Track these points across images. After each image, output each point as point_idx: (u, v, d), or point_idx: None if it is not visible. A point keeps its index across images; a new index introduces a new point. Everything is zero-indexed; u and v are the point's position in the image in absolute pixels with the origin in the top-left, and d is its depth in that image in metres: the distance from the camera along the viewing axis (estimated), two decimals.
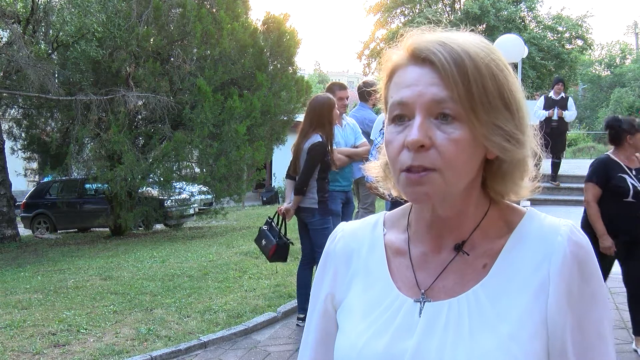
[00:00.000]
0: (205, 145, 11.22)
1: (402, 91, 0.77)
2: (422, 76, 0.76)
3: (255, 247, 8.18)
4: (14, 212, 12.31)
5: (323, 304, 0.93)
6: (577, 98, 38.68)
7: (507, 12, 29.00)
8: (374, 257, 0.90)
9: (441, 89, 0.75)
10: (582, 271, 0.78)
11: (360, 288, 0.89)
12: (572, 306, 0.77)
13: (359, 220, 0.98)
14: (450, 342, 0.76)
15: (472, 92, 0.74)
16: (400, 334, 0.80)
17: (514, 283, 0.79)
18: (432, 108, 0.75)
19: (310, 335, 0.96)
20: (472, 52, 0.75)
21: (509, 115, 0.77)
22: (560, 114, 10.03)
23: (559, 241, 0.79)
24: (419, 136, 0.74)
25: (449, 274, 0.83)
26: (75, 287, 6.22)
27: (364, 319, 0.85)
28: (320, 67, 77.02)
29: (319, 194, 4.40)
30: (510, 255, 0.81)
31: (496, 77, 0.76)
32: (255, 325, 4.75)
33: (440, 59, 0.75)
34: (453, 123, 0.75)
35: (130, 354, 4.12)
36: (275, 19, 13.56)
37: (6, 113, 12.70)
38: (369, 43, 32.51)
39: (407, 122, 0.77)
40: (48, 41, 11.17)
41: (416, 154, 0.74)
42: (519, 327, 0.76)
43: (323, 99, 4.43)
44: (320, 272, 0.97)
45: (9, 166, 12.16)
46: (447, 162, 0.75)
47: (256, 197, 22.21)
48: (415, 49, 0.78)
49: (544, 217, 0.84)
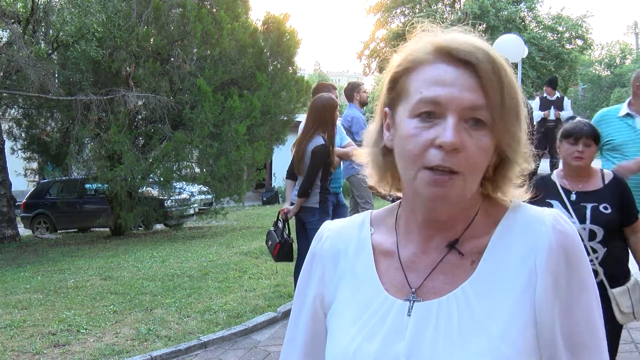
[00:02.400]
0: (205, 145, 11.22)
1: (435, 89, 0.76)
2: (458, 78, 0.75)
3: (255, 247, 8.21)
4: (14, 212, 12.31)
5: (312, 305, 0.92)
6: (577, 98, 38.69)
7: (507, 12, 29.02)
8: (362, 258, 0.89)
9: (480, 95, 0.75)
10: (568, 260, 0.77)
11: (349, 291, 0.87)
12: (560, 296, 0.76)
13: (345, 219, 0.97)
14: (441, 344, 0.76)
15: (505, 101, 0.75)
16: (391, 337, 0.79)
17: (502, 279, 0.78)
18: (466, 112, 0.75)
19: (299, 337, 0.93)
20: (498, 59, 0.76)
21: (517, 119, 0.79)
22: (557, 115, 10.03)
23: (543, 231, 0.79)
24: (456, 139, 0.73)
25: (438, 274, 0.82)
26: (75, 287, 6.21)
27: (353, 323, 0.83)
28: (320, 67, 77.03)
29: (321, 195, 4.41)
30: (497, 250, 0.80)
31: (514, 84, 0.78)
32: (255, 325, 4.75)
33: (481, 64, 0.75)
34: (483, 129, 0.75)
35: (130, 354, 4.12)
36: (275, 19, 13.56)
37: (6, 113, 12.70)
38: (369, 43, 32.53)
39: (436, 120, 0.75)
40: (48, 41, 11.17)
41: (448, 156, 0.74)
42: (509, 326, 0.75)
43: (325, 99, 4.44)
44: (306, 272, 0.95)
45: (9, 166, 12.15)
46: (471, 167, 0.75)
47: (256, 197, 22.20)
48: (451, 49, 0.76)
49: (528, 208, 0.83)
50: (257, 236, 9.76)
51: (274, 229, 4.70)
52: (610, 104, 35.81)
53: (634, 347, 4.03)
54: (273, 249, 4.57)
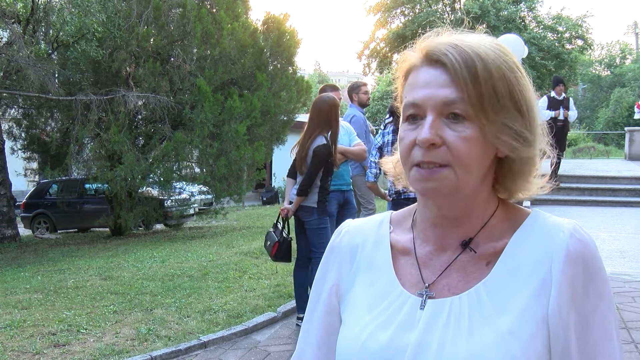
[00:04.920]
0: (205, 145, 11.22)
1: (415, 92, 0.80)
2: (434, 77, 0.79)
3: (255, 247, 8.21)
4: (14, 212, 12.31)
5: (327, 297, 0.93)
6: (577, 98, 38.69)
7: (507, 12, 28.99)
8: (379, 253, 0.91)
9: (452, 90, 0.77)
10: (586, 269, 0.78)
11: (365, 283, 0.90)
12: (577, 305, 0.77)
13: (365, 218, 1.00)
14: (450, 337, 0.77)
15: (482, 92, 0.76)
16: (403, 328, 0.81)
17: (515, 279, 0.79)
18: (443, 108, 0.77)
19: (313, 332, 0.95)
20: (483, 54, 0.77)
21: (519, 115, 0.79)
22: (565, 114, 10.14)
23: (561, 238, 0.79)
24: (430, 135, 0.76)
25: (452, 272, 0.84)
26: (75, 287, 6.21)
27: (367, 313, 0.86)
28: (320, 67, 76.98)
29: (320, 195, 4.41)
30: (513, 253, 0.81)
31: (507, 77, 0.78)
32: (255, 325, 4.75)
33: (451, 61, 0.77)
34: (463, 122, 0.77)
35: (130, 354, 4.12)
36: (275, 19, 13.56)
37: (6, 113, 12.70)
38: (369, 43, 32.46)
39: (419, 121, 0.79)
40: (48, 41, 11.17)
41: (427, 152, 0.77)
42: (518, 324, 0.76)
43: (328, 99, 4.45)
44: (323, 267, 0.97)
45: (9, 166, 12.16)
46: (458, 159, 0.77)
47: (256, 197, 22.21)
48: (429, 51, 0.80)
49: (548, 217, 0.85)
50: (257, 236, 9.76)
51: (273, 230, 4.71)
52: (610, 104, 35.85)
53: (634, 347, 4.04)
54: (271, 248, 4.57)
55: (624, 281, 5.64)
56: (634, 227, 8.76)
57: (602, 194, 11.13)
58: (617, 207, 10.57)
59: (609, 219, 9.40)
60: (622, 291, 5.29)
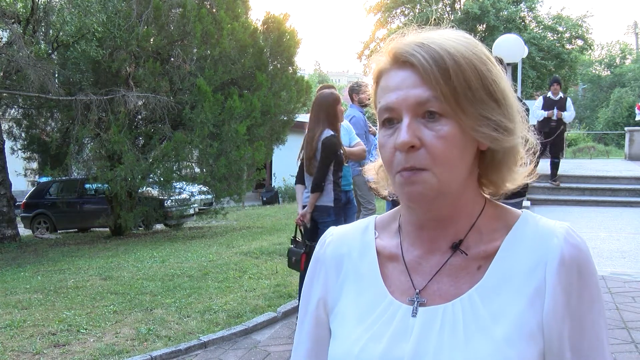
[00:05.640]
0: (205, 145, 11.22)
1: (388, 96, 0.78)
2: (404, 79, 0.77)
3: (255, 247, 8.21)
4: (14, 212, 12.31)
5: (315, 311, 0.92)
6: (577, 98, 38.69)
7: (507, 12, 29.00)
8: (366, 262, 0.89)
9: (424, 89, 0.76)
10: (581, 275, 0.77)
11: (353, 293, 0.87)
12: (572, 311, 0.76)
13: (349, 224, 0.97)
14: (446, 347, 0.76)
15: (454, 88, 0.75)
16: (396, 339, 0.79)
17: (509, 286, 0.78)
18: (417, 109, 0.76)
19: (302, 345, 0.94)
20: (451, 49, 0.76)
21: (496, 105, 0.78)
22: (559, 115, 10.03)
23: (555, 243, 0.78)
24: (408, 137, 0.75)
25: (443, 276, 0.82)
26: (75, 287, 6.21)
27: (358, 325, 0.84)
28: (320, 67, 77.06)
29: (335, 192, 4.34)
30: (506, 258, 0.80)
31: (478, 69, 0.77)
32: (255, 325, 4.75)
33: (420, 60, 0.76)
34: (440, 120, 0.76)
35: (130, 354, 4.12)
36: (275, 19, 13.57)
37: (6, 113, 12.71)
38: (369, 43, 32.48)
39: (396, 125, 0.78)
40: (48, 41, 11.17)
41: (407, 155, 0.76)
42: (514, 331, 0.75)
43: (327, 94, 4.45)
44: (309, 278, 0.95)
45: (9, 166, 12.16)
46: (437, 160, 0.76)
47: (256, 197, 22.22)
48: (396, 53, 0.79)
49: (539, 219, 0.83)
50: (257, 236, 9.77)
51: (293, 245, 4.58)
52: (610, 103, 35.85)
53: (634, 347, 4.03)
54: (299, 262, 4.39)
55: (624, 281, 5.63)
56: (634, 227, 8.75)
57: (602, 194, 11.12)
58: (617, 207, 10.56)
59: (609, 219, 9.40)
60: (622, 291, 5.29)
